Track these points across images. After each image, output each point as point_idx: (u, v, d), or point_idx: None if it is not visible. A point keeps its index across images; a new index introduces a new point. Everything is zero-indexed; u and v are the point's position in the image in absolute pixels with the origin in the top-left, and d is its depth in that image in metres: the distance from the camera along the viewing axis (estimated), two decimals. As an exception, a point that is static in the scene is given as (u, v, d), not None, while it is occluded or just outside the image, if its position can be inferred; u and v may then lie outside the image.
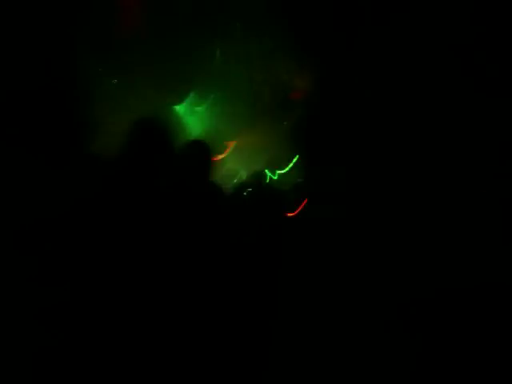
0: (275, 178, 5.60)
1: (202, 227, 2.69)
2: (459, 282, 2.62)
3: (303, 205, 4.77)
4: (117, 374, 1.57)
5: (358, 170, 3.03)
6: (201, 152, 3.59)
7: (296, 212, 5.07)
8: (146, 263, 1.91)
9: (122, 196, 2.06)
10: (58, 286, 1.57)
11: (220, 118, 7.60)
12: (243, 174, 6.09)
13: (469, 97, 3.04)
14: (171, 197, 2.64)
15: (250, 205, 3.78)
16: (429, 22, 3.33)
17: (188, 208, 2.66)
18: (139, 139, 2.78)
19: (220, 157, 3.65)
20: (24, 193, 1.63)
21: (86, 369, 1.56)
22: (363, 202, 2.85)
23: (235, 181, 5.94)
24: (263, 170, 6.93)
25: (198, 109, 7.74)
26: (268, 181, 5.60)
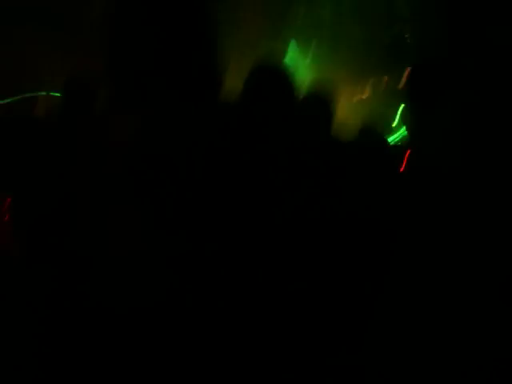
0: (384, 134, 5.32)
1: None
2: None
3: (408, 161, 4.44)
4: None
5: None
6: (321, 106, 3.34)
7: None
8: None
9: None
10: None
11: (329, 69, 7.32)
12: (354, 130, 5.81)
13: None
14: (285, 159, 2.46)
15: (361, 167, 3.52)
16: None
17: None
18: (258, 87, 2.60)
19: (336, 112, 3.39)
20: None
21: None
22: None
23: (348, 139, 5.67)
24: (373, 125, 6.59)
25: (305, 59, 7.47)
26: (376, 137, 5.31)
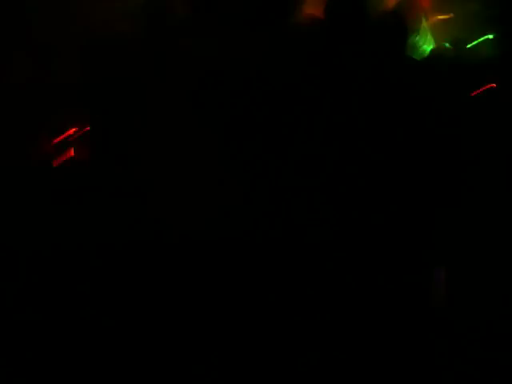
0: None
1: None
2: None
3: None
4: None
5: None
6: (397, 23, 3.21)
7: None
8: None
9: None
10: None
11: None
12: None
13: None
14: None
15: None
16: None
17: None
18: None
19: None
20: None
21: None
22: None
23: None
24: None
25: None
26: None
